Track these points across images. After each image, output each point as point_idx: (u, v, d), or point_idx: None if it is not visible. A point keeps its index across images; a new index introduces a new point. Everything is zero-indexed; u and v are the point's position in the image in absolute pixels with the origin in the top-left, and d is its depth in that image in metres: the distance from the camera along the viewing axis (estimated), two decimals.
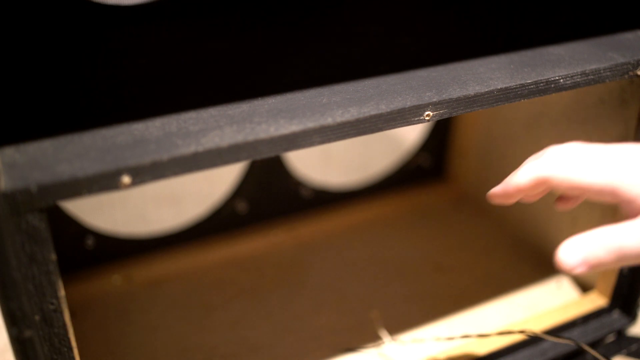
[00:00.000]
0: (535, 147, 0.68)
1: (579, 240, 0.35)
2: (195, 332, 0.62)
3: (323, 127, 0.39)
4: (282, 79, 0.45)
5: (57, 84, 0.45)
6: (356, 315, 0.63)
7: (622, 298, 0.63)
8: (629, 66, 0.48)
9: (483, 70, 0.46)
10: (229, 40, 0.52)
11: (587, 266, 0.35)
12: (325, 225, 0.77)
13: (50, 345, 0.37)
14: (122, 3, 0.53)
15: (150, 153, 0.35)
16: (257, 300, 0.66)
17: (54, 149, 0.36)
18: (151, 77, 0.46)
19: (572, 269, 0.35)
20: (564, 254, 0.35)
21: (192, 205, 0.81)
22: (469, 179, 0.82)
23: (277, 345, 0.60)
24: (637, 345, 0.62)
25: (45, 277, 0.35)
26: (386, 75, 0.45)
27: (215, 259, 0.71)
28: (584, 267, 0.35)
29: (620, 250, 0.34)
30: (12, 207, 0.32)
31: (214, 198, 0.73)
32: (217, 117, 0.39)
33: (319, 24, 0.56)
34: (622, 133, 0.57)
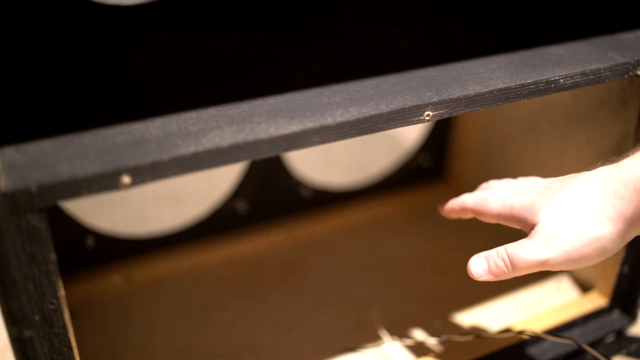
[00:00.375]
0: (535, 147, 0.68)
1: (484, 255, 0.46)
2: (195, 332, 0.62)
3: (323, 127, 0.39)
4: (282, 79, 0.45)
5: (57, 84, 0.45)
6: (356, 315, 0.63)
7: (622, 298, 0.63)
8: (629, 66, 0.48)
9: (483, 70, 0.46)
10: (229, 40, 0.52)
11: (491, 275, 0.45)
12: (325, 225, 0.77)
13: (50, 345, 0.37)
14: (122, 3, 0.53)
15: (150, 153, 0.35)
16: (257, 300, 0.66)
17: (54, 149, 0.36)
18: (151, 77, 0.46)
19: (479, 278, 0.45)
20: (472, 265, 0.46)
21: (192, 205, 0.81)
22: (469, 179, 0.82)
23: (277, 345, 0.60)
24: (637, 345, 0.63)
25: (45, 277, 0.35)
26: (386, 75, 0.45)
27: (215, 259, 0.71)
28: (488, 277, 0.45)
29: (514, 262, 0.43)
30: (12, 207, 0.32)
31: (214, 198, 0.73)
32: (217, 117, 0.39)
33: (319, 24, 0.56)
34: (622, 133, 0.57)
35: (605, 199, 0.39)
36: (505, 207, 0.46)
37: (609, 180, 0.39)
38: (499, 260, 0.44)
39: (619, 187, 0.39)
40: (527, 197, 0.44)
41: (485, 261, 0.45)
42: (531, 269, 0.43)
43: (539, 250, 0.42)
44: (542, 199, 0.43)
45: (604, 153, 0.59)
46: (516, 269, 0.43)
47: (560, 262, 0.41)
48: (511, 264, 0.43)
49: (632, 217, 0.38)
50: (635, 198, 0.38)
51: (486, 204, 0.48)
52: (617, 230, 0.39)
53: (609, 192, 0.39)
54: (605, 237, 0.39)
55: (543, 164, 0.67)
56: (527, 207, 0.44)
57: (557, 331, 0.60)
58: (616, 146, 0.58)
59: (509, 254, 0.43)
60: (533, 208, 0.43)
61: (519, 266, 0.43)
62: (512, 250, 0.43)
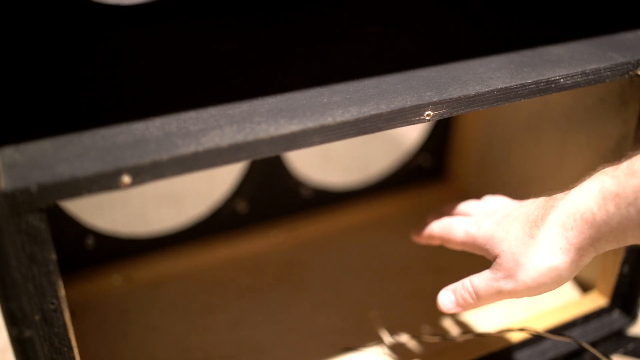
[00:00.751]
0: (535, 147, 0.68)
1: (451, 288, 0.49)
2: (195, 332, 0.62)
3: (323, 126, 0.39)
4: (282, 78, 0.45)
5: (57, 84, 0.45)
6: (356, 315, 0.63)
7: (622, 298, 0.63)
8: (629, 66, 0.48)
9: (483, 70, 0.46)
10: (229, 40, 0.52)
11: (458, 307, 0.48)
12: (325, 225, 0.77)
13: (50, 345, 0.37)
14: (123, 3, 0.53)
15: (150, 153, 0.35)
16: (257, 300, 0.66)
17: (54, 149, 0.36)
18: (151, 77, 0.46)
19: (448, 311, 0.49)
20: (440, 299, 0.49)
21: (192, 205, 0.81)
22: (469, 179, 0.82)
23: (277, 345, 0.60)
24: (634, 344, 0.63)
25: (45, 277, 0.35)
26: (386, 75, 0.45)
27: (216, 259, 0.71)
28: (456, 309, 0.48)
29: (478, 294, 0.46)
30: (12, 207, 0.32)
31: (214, 198, 0.73)
32: (217, 117, 0.39)
33: (319, 24, 0.56)
34: (622, 133, 0.57)
35: (557, 230, 0.41)
36: (468, 236, 0.49)
37: (559, 212, 0.41)
38: (465, 293, 0.47)
39: (567, 220, 0.41)
40: (488, 228, 0.47)
41: (453, 294, 0.48)
42: (495, 299, 0.46)
43: (500, 282, 0.45)
44: (501, 230, 0.46)
45: (603, 153, 0.59)
46: (481, 299, 0.47)
47: (521, 292, 0.44)
48: (476, 295, 0.47)
49: (582, 246, 0.41)
50: (583, 229, 0.40)
51: (450, 233, 0.51)
52: (570, 260, 0.41)
53: (560, 224, 0.41)
54: (559, 267, 0.42)
55: (543, 164, 0.67)
56: (488, 238, 0.47)
57: (557, 331, 0.60)
58: (616, 146, 0.58)
59: (473, 286, 0.47)
60: (493, 239, 0.46)
61: (484, 297, 0.46)
62: (477, 283, 0.46)
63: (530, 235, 0.43)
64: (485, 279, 0.46)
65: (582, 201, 0.40)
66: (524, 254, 0.43)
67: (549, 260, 0.42)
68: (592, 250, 0.41)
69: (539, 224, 0.43)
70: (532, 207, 0.45)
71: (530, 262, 0.43)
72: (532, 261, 0.42)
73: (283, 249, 0.73)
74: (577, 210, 0.40)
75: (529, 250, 0.43)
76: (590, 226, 0.40)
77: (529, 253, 0.43)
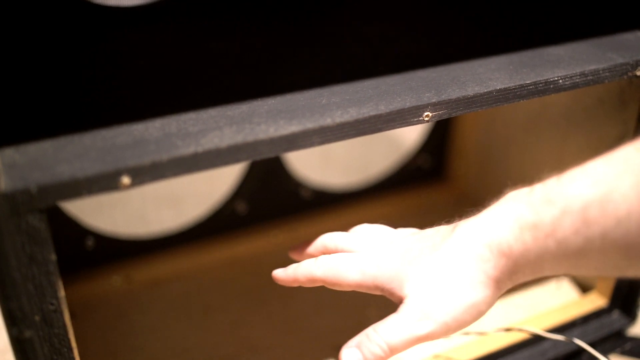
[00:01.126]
0: (534, 148, 0.68)
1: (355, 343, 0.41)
2: (195, 333, 0.62)
3: (322, 127, 0.39)
4: (282, 79, 0.45)
5: (57, 84, 0.45)
6: (356, 315, 0.63)
7: (622, 298, 0.63)
8: (628, 67, 0.48)
9: (482, 70, 0.46)
10: (229, 41, 0.52)
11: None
12: (325, 226, 0.76)
13: (50, 346, 0.37)
14: (122, 4, 0.53)
15: (150, 153, 0.35)
16: (257, 300, 0.66)
17: (53, 150, 0.36)
18: (151, 78, 0.46)
19: None
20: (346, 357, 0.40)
21: (192, 206, 0.81)
22: (469, 179, 0.82)
23: (277, 345, 0.60)
24: (632, 344, 0.63)
25: (45, 277, 0.35)
26: (385, 76, 0.45)
27: (215, 259, 0.71)
28: None
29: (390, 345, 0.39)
30: (12, 208, 0.32)
31: (213, 199, 0.73)
32: (217, 118, 0.39)
33: (318, 25, 0.56)
34: (621, 133, 0.57)
35: (474, 263, 0.38)
36: (366, 277, 0.42)
37: (473, 243, 0.38)
38: (374, 347, 0.40)
39: (483, 251, 0.38)
40: (390, 265, 0.41)
41: (359, 351, 0.40)
42: (410, 346, 0.40)
43: (416, 326, 0.39)
44: (407, 266, 0.41)
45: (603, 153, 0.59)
46: (394, 350, 0.40)
47: (441, 334, 0.39)
48: (388, 347, 0.40)
49: (501, 278, 0.38)
50: (500, 261, 0.37)
51: (340, 275, 0.43)
52: (490, 293, 0.38)
53: (476, 256, 0.38)
54: (480, 301, 0.38)
55: (542, 165, 0.67)
56: (392, 276, 0.41)
57: (557, 331, 0.60)
58: (615, 146, 0.58)
59: (383, 337, 0.40)
60: (398, 277, 0.41)
61: (398, 347, 0.40)
62: (386, 333, 0.40)
63: (443, 270, 0.39)
64: (396, 326, 0.39)
65: (497, 231, 0.37)
66: (440, 292, 0.38)
67: (469, 296, 0.38)
68: (509, 282, 0.38)
69: (452, 258, 0.39)
70: (436, 237, 0.41)
71: (449, 300, 0.38)
72: (450, 299, 0.38)
73: (283, 250, 0.73)
74: (493, 241, 0.37)
75: (445, 287, 0.38)
76: (507, 258, 0.37)
77: (446, 290, 0.38)
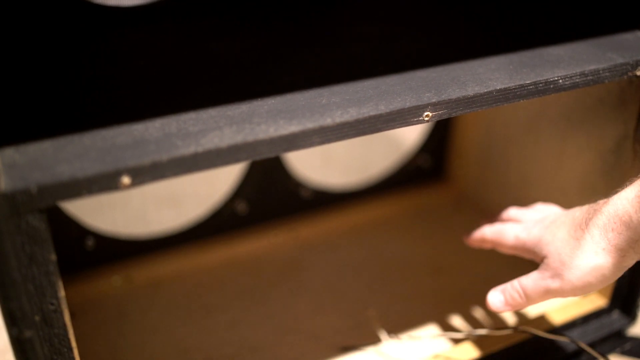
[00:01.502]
0: (534, 148, 0.68)
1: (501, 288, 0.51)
2: (195, 333, 0.62)
3: (322, 127, 0.39)
4: (282, 79, 0.45)
5: (57, 84, 0.45)
6: (356, 316, 0.63)
7: (622, 298, 0.63)
8: (628, 67, 0.48)
9: (482, 70, 0.46)
10: (229, 41, 0.52)
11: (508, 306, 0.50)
12: (325, 226, 0.77)
13: (50, 346, 0.37)
14: (122, 4, 0.54)
15: (150, 154, 0.35)
16: (257, 300, 0.66)
17: (53, 150, 0.36)
18: (151, 78, 0.46)
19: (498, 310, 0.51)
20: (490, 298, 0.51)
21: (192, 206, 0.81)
22: (469, 179, 0.82)
23: (277, 345, 0.60)
24: (631, 344, 0.63)
25: (45, 277, 0.35)
26: (385, 76, 0.45)
27: (215, 259, 0.71)
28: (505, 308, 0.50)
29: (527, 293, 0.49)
30: (12, 208, 0.32)
31: (214, 199, 0.73)
32: (217, 118, 0.39)
33: (318, 25, 0.56)
34: (621, 133, 0.57)
35: (599, 232, 0.44)
36: (519, 241, 0.52)
37: (601, 215, 0.44)
38: (514, 293, 0.49)
39: (608, 222, 0.43)
40: (537, 233, 0.50)
41: (502, 294, 0.50)
42: (543, 298, 0.48)
43: (548, 282, 0.47)
44: (549, 234, 0.49)
45: (603, 153, 0.59)
46: (530, 299, 0.49)
47: (568, 291, 0.46)
48: (525, 295, 0.49)
49: (623, 247, 0.43)
50: (622, 230, 0.43)
51: (502, 237, 0.54)
52: (612, 260, 0.44)
53: (601, 226, 0.44)
54: (603, 266, 0.44)
55: (542, 165, 0.67)
56: (536, 241, 0.50)
57: (557, 331, 0.60)
58: (615, 147, 0.58)
59: (522, 286, 0.49)
60: (541, 242, 0.49)
61: (532, 297, 0.48)
62: (525, 283, 0.49)
63: (575, 237, 0.46)
64: (533, 279, 0.48)
65: (621, 205, 0.43)
66: (570, 255, 0.46)
67: (593, 260, 0.44)
68: (632, 251, 0.43)
69: (583, 227, 0.45)
70: (577, 212, 0.48)
71: (576, 261, 0.45)
72: (577, 261, 0.45)
73: (283, 250, 0.73)
74: (617, 213, 0.43)
75: (574, 251, 0.45)
76: (627, 228, 0.42)
77: (574, 254, 0.45)
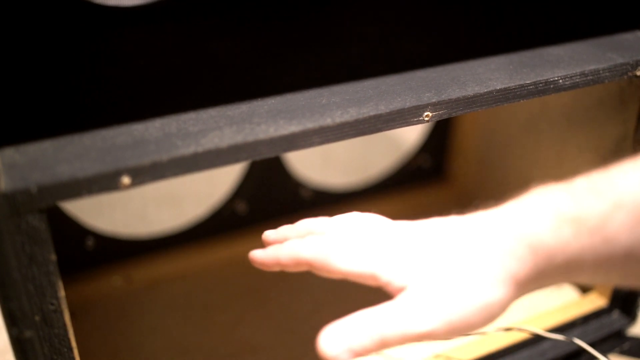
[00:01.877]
0: (534, 148, 0.68)
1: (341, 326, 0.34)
2: (195, 333, 0.62)
3: (322, 127, 0.39)
4: (281, 79, 0.45)
5: (57, 84, 0.45)
6: None
7: (622, 298, 0.63)
8: (628, 67, 0.48)
9: (482, 70, 0.46)
10: (229, 41, 0.52)
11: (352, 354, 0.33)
12: None
13: (50, 346, 0.37)
14: (122, 4, 0.53)
15: (150, 154, 0.35)
16: (257, 300, 0.66)
17: (54, 150, 0.36)
18: (151, 78, 0.46)
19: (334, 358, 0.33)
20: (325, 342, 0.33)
21: (192, 206, 0.81)
22: (469, 179, 0.82)
23: (277, 345, 0.60)
24: (630, 344, 0.63)
25: (45, 277, 0.35)
26: (385, 76, 0.45)
27: (216, 259, 0.71)
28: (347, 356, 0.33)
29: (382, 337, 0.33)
30: (12, 208, 0.32)
31: (213, 199, 0.73)
32: (217, 118, 0.39)
33: (318, 25, 0.56)
34: (621, 133, 0.57)
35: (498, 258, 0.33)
36: (361, 264, 0.36)
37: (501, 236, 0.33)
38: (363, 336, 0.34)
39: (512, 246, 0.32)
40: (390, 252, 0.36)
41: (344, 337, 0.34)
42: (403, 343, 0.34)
43: (416, 321, 0.33)
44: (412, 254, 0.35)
45: (603, 153, 0.59)
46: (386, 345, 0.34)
47: (442, 334, 0.33)
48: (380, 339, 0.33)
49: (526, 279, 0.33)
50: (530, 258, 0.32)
51: (332, 259, 0.37)
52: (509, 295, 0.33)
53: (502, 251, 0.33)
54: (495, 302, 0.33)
55: (542, 165, 0.67)
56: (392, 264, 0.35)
57: (557, 331, 0.60)
58: (615, 146, 0.58)
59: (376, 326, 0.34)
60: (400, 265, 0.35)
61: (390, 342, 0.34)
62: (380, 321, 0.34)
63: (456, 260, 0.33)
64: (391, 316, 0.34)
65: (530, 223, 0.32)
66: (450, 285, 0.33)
67: (484, 294, 0.33)
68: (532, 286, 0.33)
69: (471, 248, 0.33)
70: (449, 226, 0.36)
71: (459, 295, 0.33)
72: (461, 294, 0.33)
73: None
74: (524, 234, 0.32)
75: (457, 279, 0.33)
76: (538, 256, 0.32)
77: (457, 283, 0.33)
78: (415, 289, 0.34)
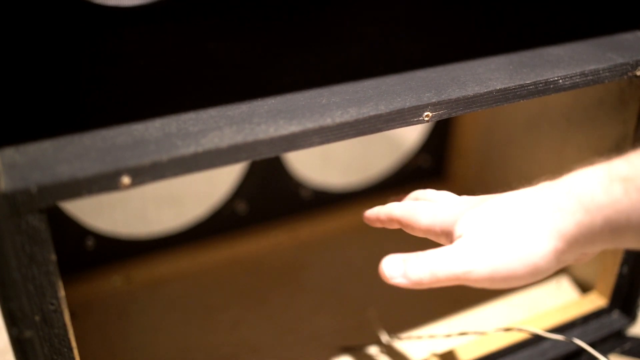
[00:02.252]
0: (534, 148, 0.68)
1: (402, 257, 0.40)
2: (195, 333, 0.62)
3: (322, 127, 0.39)
4: (282, 79, 0.45)
5: (57, 84, 0.45)
6: (356, 316, 0.63)
7: (622, 298, 0.63)
8: (628, 67, 0.48)
9: (482, 70, 0.46)
10: (229, 41, 0.52)
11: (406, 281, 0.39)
12: (325, 226, 0.77)
13: (50, 346, 0.37)
14: (122, 4, 0.54)
15: (150, 154, 0.35)
16: (257, 300, 0.66)
17: (54, 150, 0.36)
18: (151, 78, 0.46)
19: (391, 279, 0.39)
20: (386, 266, 0.40)
21: (192, 206, 0.81)
22: (469, 179, 0.82)
23: (277, 345, 0.60)
24: (631, 344, 0.63)
25: (45, 277, 0.35)
26: (385, 76, 0.45)
27: (216, 259, 0.71)
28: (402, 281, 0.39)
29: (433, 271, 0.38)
30: (12, 208, 0.32)
31: (214, 199, 0.73)
32: (217, 118, 0.39)
33: (318, 25, 0.56)
34: (621, 133, 0.57)
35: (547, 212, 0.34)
36: (436, 221, 0.41)
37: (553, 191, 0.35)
38: (419, 269, 0.38)
39: (562, 200, 0.34)
40: (460, 211, 0.39)
41: (403, 266, 0.39)
42: (451, 281, 0.38)
43: (463, 262, 0.36)
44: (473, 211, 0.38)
45: (603, 153, 0.59)
46: (436, 280, 0.38)
47: (484, 278, 0.36)
48: (431, 274, 0.38)
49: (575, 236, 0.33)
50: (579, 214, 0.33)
51: (414, 216, 0.42)
52: (555, 250, 0.34)
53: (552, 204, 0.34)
54: (540, 255, 0.34)
55: (542, 165, 0.67)
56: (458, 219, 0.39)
57: (557, 331, 0.60)
58: (615, 146, 0.58)
59: (430, 262, 0.38)
60: (462, 220, 0.38)
61: (440, 278, 0.38)
62: (434, 258, 0.38)
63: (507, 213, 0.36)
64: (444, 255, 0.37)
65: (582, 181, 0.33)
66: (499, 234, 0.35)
67: (530, 245, 0.34)
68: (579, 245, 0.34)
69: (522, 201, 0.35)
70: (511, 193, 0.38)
71: (505, 243, 0.35)
72: (507, 243, 0.35)
73: (283, 250, 0.73)
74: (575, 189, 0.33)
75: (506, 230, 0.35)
76: (588, 213, 0.32)
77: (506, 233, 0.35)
78: (469, 236, 0.37)
